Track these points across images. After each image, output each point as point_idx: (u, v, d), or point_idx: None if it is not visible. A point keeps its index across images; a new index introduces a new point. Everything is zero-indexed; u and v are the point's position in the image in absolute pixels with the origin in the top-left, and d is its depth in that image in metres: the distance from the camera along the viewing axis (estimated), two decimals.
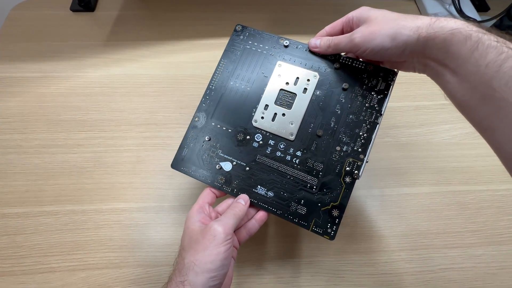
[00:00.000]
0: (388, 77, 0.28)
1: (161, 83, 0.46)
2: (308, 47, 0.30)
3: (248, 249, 0.35)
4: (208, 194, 0.29)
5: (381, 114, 0.28)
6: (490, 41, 0.19)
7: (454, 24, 0.21)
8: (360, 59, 0.29)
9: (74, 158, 0.40)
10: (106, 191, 0.38)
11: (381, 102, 0.28)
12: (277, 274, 0.34)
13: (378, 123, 0.28)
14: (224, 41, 0.33)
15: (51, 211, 0.36)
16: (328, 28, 0.29)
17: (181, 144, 0.31)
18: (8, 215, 0.36)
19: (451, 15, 0.54)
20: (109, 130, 0.42)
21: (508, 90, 0.18)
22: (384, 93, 0.28)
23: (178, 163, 0.31)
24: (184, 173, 0.30)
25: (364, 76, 0.29)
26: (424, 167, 0.41)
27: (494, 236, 0.36)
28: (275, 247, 0.35)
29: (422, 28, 0.22)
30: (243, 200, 0.28)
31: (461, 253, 0.35)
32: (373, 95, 0.28)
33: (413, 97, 0.46)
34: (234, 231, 0.28)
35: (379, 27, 0.24)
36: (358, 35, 0.25)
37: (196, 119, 0.31)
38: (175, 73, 0.47)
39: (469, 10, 0.54)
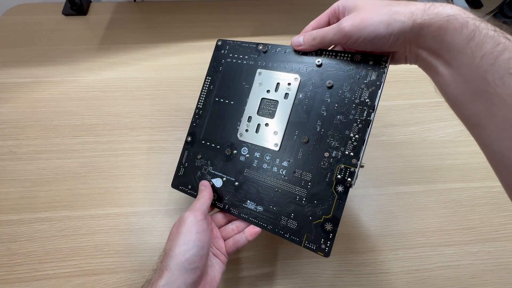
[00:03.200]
0: (380, 64, 0.24)
1: (155, 86, 0.46)
2: (292, 47, 0.28)
3: (247, 251, 0.35)
4: None
5: (373, 110, 0.24)
6: (488, 30, 0.18)
7: (451, 10, 0.19)
8: (338, 50, 0.27)
9: (69, 163, 0.39)
10: (101, 196, 0.38)
11: (373, 95, 0.24)
12: (273, 276, 0.34)
13: (371, 120, 0.24)
14: None
15: (46, 218, 0.36)
16: (313, 23, 0.27)
17: (178, 164, 0.32)
18: (2, 223, 0.36)
19: None
20: (103, 134, 0.42)
21: (503, 85, 0.17)
22: (376, 84, 0.24)
23: (176, 183, 0.32)
24: (183, 192, 0.31)
25: (351, 68, 0.25)
26: (420, 165, 0.41)
27: (490, 233, 0.36)
28: (272, 249, 0.35)
29: (416, 14, 0.20)
30: (203, 185, 0.29)
31: (457, 250, 0.35)
32: (363, 88, 0.25)
33: (407, 95, 0.46)
34: (224, 240, 0.29)
35: (371, 14, 0.21)
36: (348, 23, 0.22)
37: (189, 138, 0.32)
38: (169, 75, 0.47)
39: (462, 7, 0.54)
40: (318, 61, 0.27)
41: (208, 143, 0.31)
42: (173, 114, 0.44)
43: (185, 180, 0.31)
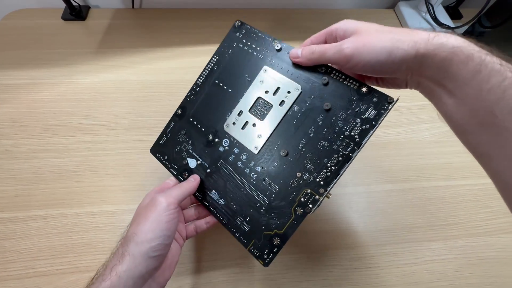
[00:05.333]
0: (382, 105, 0.23)
1: (151, 88, 0.47)
2: (289, 58, 0.27)
3: (236, 247, 0.35)
4: (170, 182, 0.31)
5: (359, 148, 0.23)
6: (494, 64, 0.17)
7: (455, 41, 0.19)
8: (348, 75, 0.25)
9: (65, 162, 0.40)
10: (96, 194, 0.38)
11: (364, 134, 0.23)
12: (265, 271, 0.34)
13: (352, 157, 0.24)
14: (213, 48, 0.33)
15: (41, 215, 0.36)
16: (313, 38, 0.26)
17: (162, 132, 0.32)
18: None
19: (427, 22, 0.57)
20: (100, 134, 0.43)
21: (511, 118, 0.17)
22: (371, 123, 0.23)
23: (155, 150, 0.33)
24: (158, 160, 0.32)
25: (354, 98, 0.24)
26: (406, 164, 0.43)
27: (473, 228, 0.38)
28: None
29: (419, 44, 0.19)
30: (193, 178, 0.29)
31: (443, 245, 0.37)
32: (357, 123, 0.24)
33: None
34: (185, 219, 0.30)
35: (374, 39, 0.21)
36: (349, 45, 0.21)
37: (179, 111, 0.32)
38: (165, 78, 0.48)
39: (444, 17, 0.57)
40: (325, 79, 0.25)
41: (195, 123, 0.31)
42: (169, 115, 0.44)
43: (163, 149, 0.32)
